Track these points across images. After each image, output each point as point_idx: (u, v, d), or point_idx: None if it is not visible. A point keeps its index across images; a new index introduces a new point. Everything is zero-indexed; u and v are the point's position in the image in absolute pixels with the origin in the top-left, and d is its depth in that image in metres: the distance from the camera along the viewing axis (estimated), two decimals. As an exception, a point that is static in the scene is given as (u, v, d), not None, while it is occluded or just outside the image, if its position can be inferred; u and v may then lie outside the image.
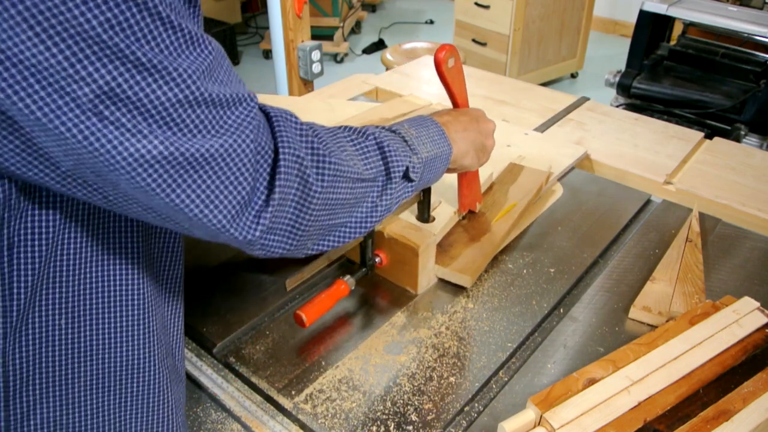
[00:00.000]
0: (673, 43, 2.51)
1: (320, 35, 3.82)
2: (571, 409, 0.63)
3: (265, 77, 3.79)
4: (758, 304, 0.77)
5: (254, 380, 0.74)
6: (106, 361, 0.55)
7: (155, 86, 0.40)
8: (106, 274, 0.52)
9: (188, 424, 0.73)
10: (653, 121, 1.34)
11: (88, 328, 0.53)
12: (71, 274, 0.50)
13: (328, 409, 0.70)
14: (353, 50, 4.22)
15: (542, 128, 1.30)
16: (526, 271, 0.91)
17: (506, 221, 0.95)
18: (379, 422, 0.68)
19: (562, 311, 0.85)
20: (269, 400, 0.73)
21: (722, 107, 2.22)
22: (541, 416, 0.63)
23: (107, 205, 0.46)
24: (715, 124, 2.26)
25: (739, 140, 2.15)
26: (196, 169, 0.44)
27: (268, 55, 4.00)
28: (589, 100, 1.45)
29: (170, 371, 0.60)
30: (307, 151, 0.54)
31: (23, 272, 0.47)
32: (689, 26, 2.46)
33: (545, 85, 3.24)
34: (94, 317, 0.53)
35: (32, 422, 0.53)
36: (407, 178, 0.67)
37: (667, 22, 2.46)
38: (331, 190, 0.56)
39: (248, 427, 0.72)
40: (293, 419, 0.71)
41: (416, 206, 0.88)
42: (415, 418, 0.69)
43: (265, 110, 0.53)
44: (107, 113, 0.39)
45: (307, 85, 2.20)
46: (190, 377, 0.78)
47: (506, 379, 0.75)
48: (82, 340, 0.53)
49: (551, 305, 0.85)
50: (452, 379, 0.74)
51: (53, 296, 0.50)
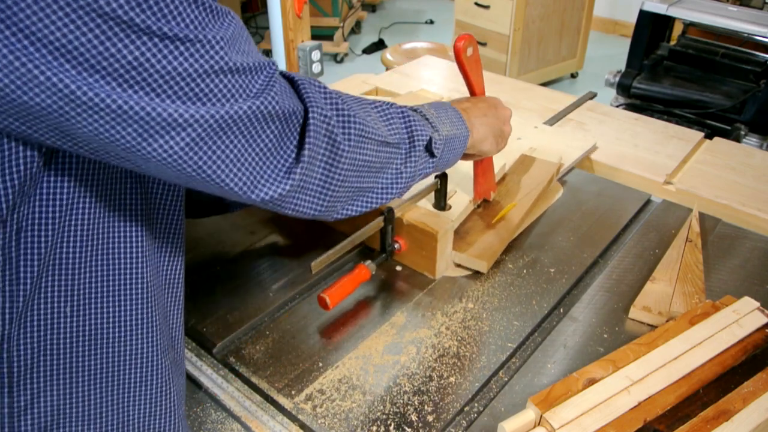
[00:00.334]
0: (673, 43, 2.51)
1: (320, 35, 3.83)
2: (571, 409, 0.63)
3: (265, 77, 3.78)
4: (758, 304, 0.77)
5: (254, 380, 0.74)
6: (109, 350, 0.55)
7: (182, 59, 0.42)
8: (109, 262, 0.53)
9: (188, 424, 0.73)
10: (653, 121, 1.34)
11: (92, 316, 0.53)
12: (76, 260, 0.51)
13: (328, 409, 0.70)
14: (353, 50, 4.22)
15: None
16: (526, 271, 0.91)
17: (520, 210, 0.97)
18: (379, 422, 0.68)
19: (562, 311, 0.85)
20: (269, 400, 0.73)
21: (722, 107, 2.22)
22: (541, 416, 0.63)
23: (136, 169, 0.48)
24: (715, 124, 2.26)
25: (739, 140, 2.15)
26: (227, 133, 0.46)
27: (268, 54, 3.99)
28: (596, 95, 1.45)
29: (172, 363, 0.61)
30: (332, 111, 0.56)
31: (30, 258, 0.48)
32: (689, 26, 2.46)
33: (545, 85, 3.23)
34: (98, 305, 0.53)
35: (36, 410, 0.53)
36: (430, 152, 0.69)
37: (667, 22, 2.46)
38: (357, 150, 0.58)
39: (248, 427, 0.72)
40: (293, 419, 0.71)
41: (433, 194, 0.91)
42: (415, 418, 0.69)
43: (288, 76, 0.56)
44: (137, 87, 0.41)
45: (307, 85, 2.19)
46: (190, 377, 0.78)
47: (506, 379, 0.75)
48: (86, 328, 0.53)
49: (551, 305, 0.85)
50: (452, 379, 0.74)
51: (58, 283, 0.51)
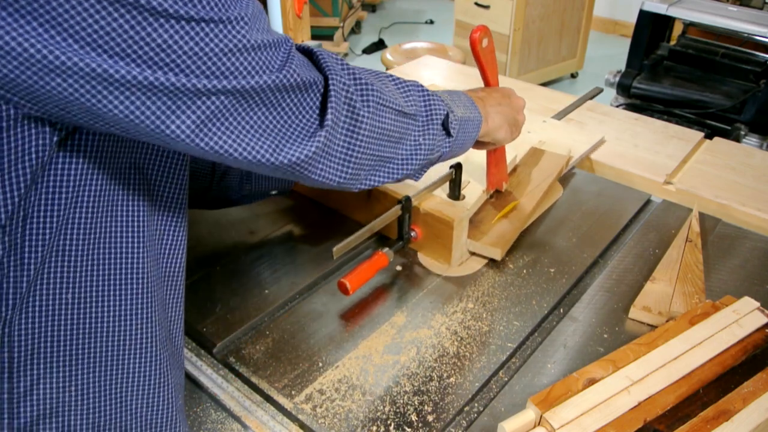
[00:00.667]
0: (673, 43, 2.51)
1: (320, 35, 3.82)
2: (571, 409, 0.63)
3: (265, 77, 3.78)
4: (758, 304, 0.77)
5: (254, 380, 0.74)
6: (108, 339, 0.55)
7: (207, 39, 0.44)
8: (110, 251, 0.54)
9: (188, 424, 0.73)
10: (653, 121, 1.34)
11: (92, 304, 0.54)
12: (79, 249, 0.52)
13: (328, 409, 0.70)
14: (353, 50, 4.22)
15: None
16: (526, 271, 0.91)
17: (531, 199, 1.01)
18: (379, 422, 0.68)
19: (562, 311, 0.85)
20: (269, 400, 0.73)
21: (722, 107, 2.22)
22: (541, 416, 0.63)
23: (164, 145, 0.49)
24: (715, 124, 2.26)
25: (739, 140, 2.15)
26: (250, 104, 0.49)
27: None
28: (602, 90, 1.45)
29: (170, 356, 0.61)
30: (350, 80, 0.59)
31: (34, 244, 0.49)
32: (689, 26, 2.46)
33: (545, 85, 3.23)
34: (98, 294, 0.54)
35: (35, 396, 0.53)
36: (446, 129, 0.70)
37: (667, 22, 2.47)
38: (376, 117, 0.61)
39: (248, 427, 0.72)
40: (293, 419, 0.71)
41: (448, 185, 0.94)
42: (415, 418, 0.69)
43: (305, 48, 0.59)
44: (166, 69, 0.43)
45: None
46: (190, 377, 0.78)
47: (506, 379, 0.75)
48: (86, 316, 0.53)
49: (551, 305, 0.85)
50: (452, 379, 0.74)
51: (61, 270, 0.51)
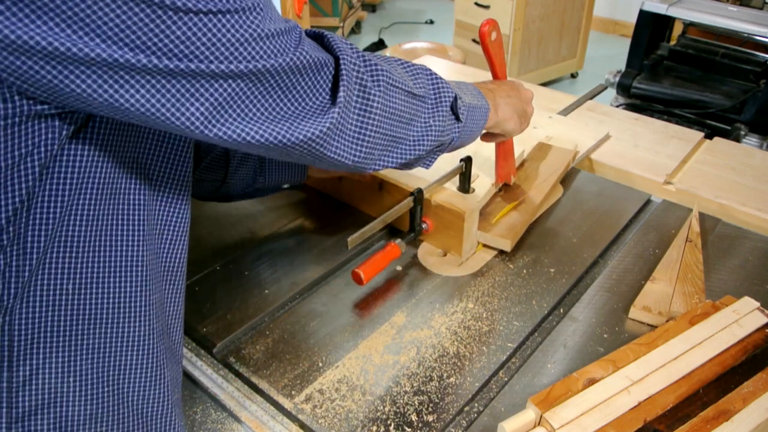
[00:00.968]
0: (673, 43, 2.50)
1: (320, 35, 3.82)
2: (571, 409, 0.63)
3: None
4: (758, 304, 0.77)
5: (254, 380, 0.74)
6: (106, 331, 0.56)
7: (225, 30, 0.46)
8: (111, 243, 0.54)
9: (188, 424, 0.73)
10: (653, 121, 1.34)
11: (92, 295, 0.54)
12: (81, 240, 0.52)
13: (328, 409, 0.70)
14: (353, 50, 4.21)
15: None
16: (526, 271, 0.91)
17: (539, 193, 1.03)
18: (379, 422, 0.68)
19: (562, 311, 0.85)
20: (269, 400, 0.73)
21: (722, 107, 2.21)
22: (541, 416, 0.63)
23: (181, 132, 0.50)
24: (715, 124, 2.26)
25: (739, 140, 2.15)
26: (264, 86, 0.50)
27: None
28: (606, 88, 1.45)
29: (167, 349, 0.61)
30: (360, 61, 0.60)
31: (37, 234, 0.49)
32: (689, 26, 2.46)
33: (545, 85, 3.23)
34: (98, 285, 0.54)
35: (35, 385, 0.53)
36: (455, 114, 0.71)
37: (667, 22, 2.46)
38: (387, 96, 0.62)
39: (248, 427, 0.72)
40: (293, 419, 0.71)
41: (458, 178, 0.96)
42: (415, 418, 0.69)
43: (314, 33, 0.61)
44: (186, 60, 0.45)
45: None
46: (190, 377, 0.78)
47: (506, 379, 0.75)
48: (85, 307, 0.54)
49: (551, 305, 0.85)
50: (452, 379, 0.74)
51: (62, 260, 0.52)
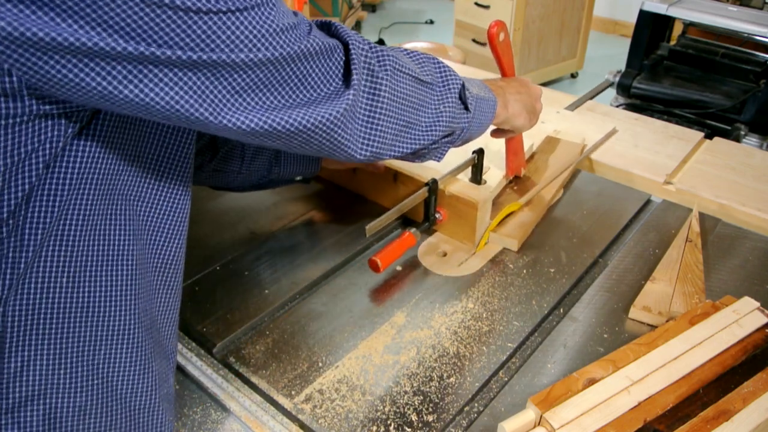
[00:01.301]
0: (673, 43, 2.50)
1: (320, 35, 3.82)
2: (571, 409, 0.63)
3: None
4: (758, 304, 0.77)
5: (254, 380, 0.74)
6: (96, 323, 0.56)
7: (243, 27, 0.48)
8: (105, 238, 0.54)
9: (188, 424, 0.73)
10: (653, 121, 1.34)
11: (84, 288, 0.54)
12: (77, 234, 0.52)
13: (328, 409, 0.70)
14: (353, 50, 4.21)
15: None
16: (526, 271, 0.91)
17: (549, 190, 1.06)
18: (379, 422, 0.68)
19: (562, 311, 0.85)
20: (269, 400, 0.73)
21: (722, 107, 2.21)
22: (541, 416, 0.63)
23: (194, 124, 0.52)
24: (715, 124, 2.26)
25: (739, 140, 2.15)
26: (280, 72, 0.52)
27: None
28: (612, 84, 1.45)
29: (155, 343, 0.62)
30: (366, 46, 0.62)
31: (35, 226, 0.50)
32: (689, 26, 2.46)
33: (545, 85, 3.23)
34: (91, 279, 0.55)
35: (26, 376, 0.54)
36: (464, 103, 0.72)
37: (667, 22, 2.46)
38: (395, 81, 0.64)
39: (248, 427, 0.72)
40: (293, 419, 0.71)
41: (470, 170, 0.98)
42: (415, 418, 0.69)
43: (322, 23, 0.63)
44: (205, 56, 0.46)
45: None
46: (190, 377, 0.78)
47: (506, 379, 0.75)
48: (78, 300, 0.54)
49: (551, 305, 0.85)
50: (452, 379, 0.74)
51: (58, 253, 0.52)
